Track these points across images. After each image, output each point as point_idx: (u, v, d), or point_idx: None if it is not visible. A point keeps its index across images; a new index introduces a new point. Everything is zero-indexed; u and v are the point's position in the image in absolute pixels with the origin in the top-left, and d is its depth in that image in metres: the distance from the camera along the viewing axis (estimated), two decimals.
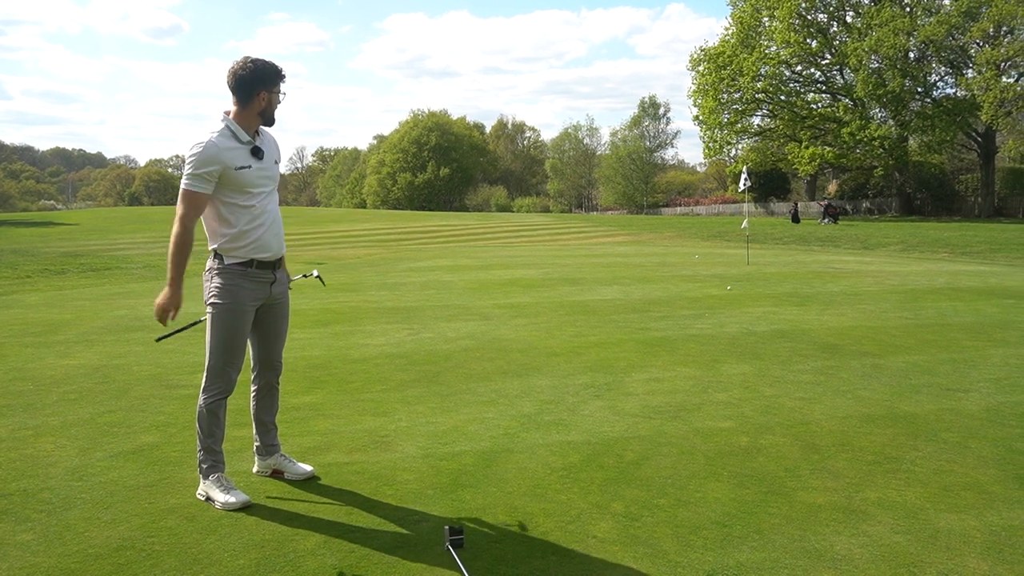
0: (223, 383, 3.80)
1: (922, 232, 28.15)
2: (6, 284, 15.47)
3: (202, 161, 3.57)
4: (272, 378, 4.06)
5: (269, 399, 4.09)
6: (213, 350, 3.77)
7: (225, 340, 3.75)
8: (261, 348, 3.99)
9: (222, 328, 3.74)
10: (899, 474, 4.12)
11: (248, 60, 3.69)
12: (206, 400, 3.80)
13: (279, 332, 4.01)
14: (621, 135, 77.23)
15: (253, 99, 3.69)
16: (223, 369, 3.77)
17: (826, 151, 45.22)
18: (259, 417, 4.08)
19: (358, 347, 7.66)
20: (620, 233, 35.72)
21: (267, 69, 3.69)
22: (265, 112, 3.75)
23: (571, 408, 5.40)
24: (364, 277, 15.42)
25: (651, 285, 13.04)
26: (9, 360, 7.14)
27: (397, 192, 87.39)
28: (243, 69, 3.66)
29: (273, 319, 3.96)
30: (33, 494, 3.86)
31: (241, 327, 3.78)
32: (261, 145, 3.77)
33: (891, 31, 39.31)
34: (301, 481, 4.05)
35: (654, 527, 3.49)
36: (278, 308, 3.97)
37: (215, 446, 3.84)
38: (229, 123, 3.69)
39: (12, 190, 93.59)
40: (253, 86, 3.67)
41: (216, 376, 3.78)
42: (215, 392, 3.79)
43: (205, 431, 3.81)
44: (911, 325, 8.77)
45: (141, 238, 32.48)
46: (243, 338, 3.81)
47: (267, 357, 4.01)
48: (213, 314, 3.75)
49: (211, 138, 3.61)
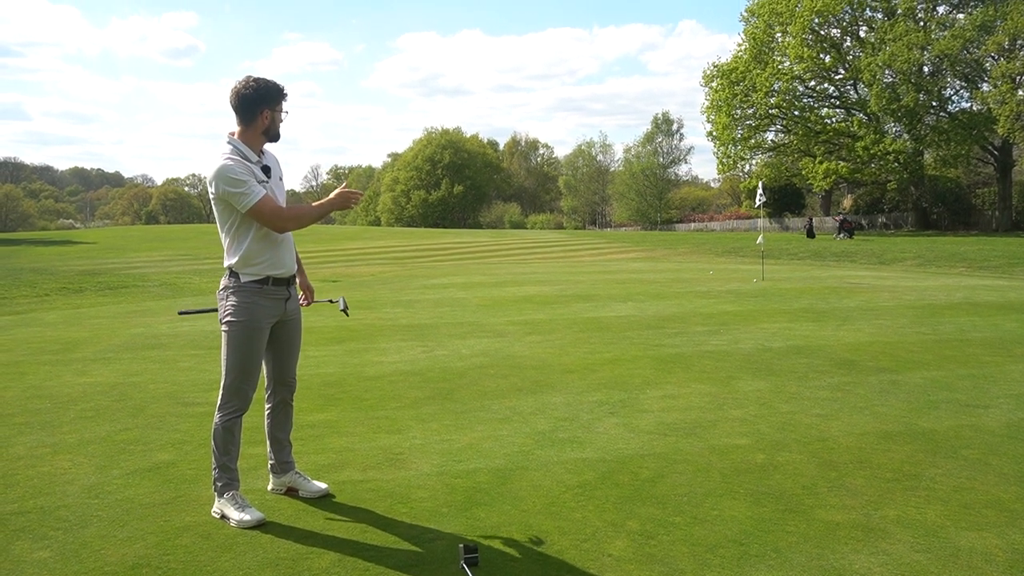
0: (239, 401, 3.81)
1: (939, 246, 27.95)
2: (25, 302, 15.63)
3: (240, 176, 3.59)
4: (287, 395, 4.07)
5: (283, 416, 4.09)
6: (229, 368, 3.78)
7: (241, 358, 3.76)
8: (275, 365, 4.00)
9: (238, 346, 3.75)
10: (918, 492, 4.07)
11: (250, 79, 3.73)
12: (222, 418, 3.81)
13: (292, 348, 4.02)
14: (635, 151, 77.45)
15: (256, 118, 3.72)
16: (239, 387, 3.79)
17: (840, 166, 45.05)
18: (274, 434, 4.09)
19: (372, 364, 7.67)
20: (634, 249, 35.68)
21: (269, 87, 3.72)
22: (269, 130, 3.78)
23: (586, 425, 5.38)
24: (378, 294, 15.47)
25: (665, 301, 13.00)
26: (28, 378, 7.20)
27: (411, 209, 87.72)
28: (246, 88, 3.69)
29: (286, 336, 3.97)
30: (50, 511, 3.88)
31: (257, 345, 3.79)
32: (268, 163, 3.81)
33: (905, 45, 39.25)
34: (316, 499, 4.04)
35: (670, 545, 3.46)
36: (291, 325, 3.98)
37: (230, 464, 3.84)
38: (236, 144, 3.72)
39: (32, 209, 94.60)
40: (256, 104, 3.71)
41: (232, 394, 3.79)
42: (231, 410, 3.81)
43: (221, 449, 3.82)
44: (929, 340, 8.69)
45: (158, 256, 32.75)
46: (259, 356, 3.82)
47: (281, 374, 4.02)
48: (229, 332, 3.76)
49: (225, 160, 3.64)
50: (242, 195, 3.59)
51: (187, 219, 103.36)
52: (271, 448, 4.10)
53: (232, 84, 3.73)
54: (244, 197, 3.59)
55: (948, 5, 42.44)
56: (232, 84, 3.73)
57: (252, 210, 3.61)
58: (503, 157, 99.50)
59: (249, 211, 3.62)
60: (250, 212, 3.62)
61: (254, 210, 3.61)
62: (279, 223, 3.69)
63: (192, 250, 35.63)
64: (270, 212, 3.64)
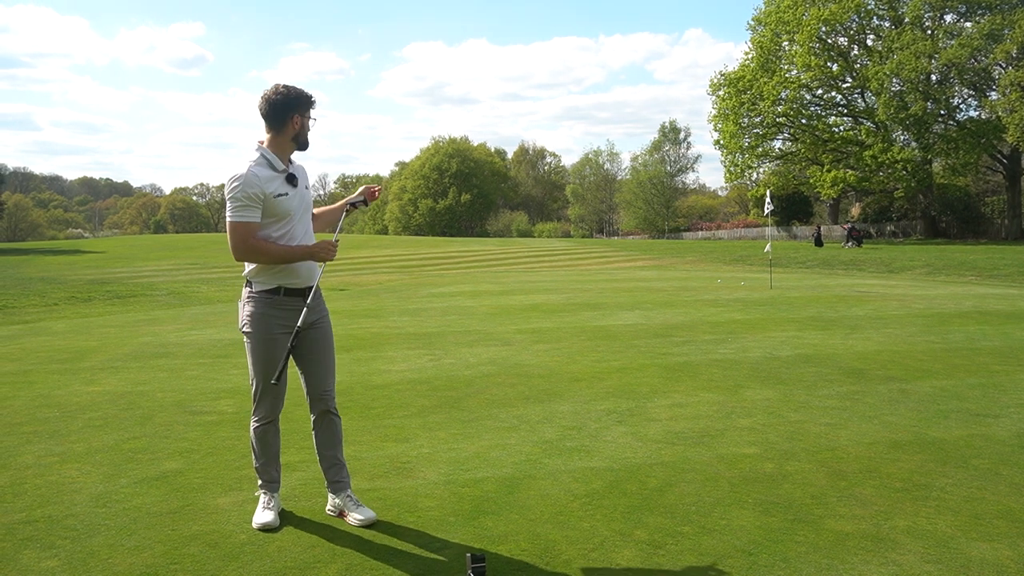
0: (264, 409, 3.89)
1: (948, 255, 27.84)
2: (34, 311, 15.69)
3: (244, 191, 3.60)
4: (324, 408, 3.95)
5: (327, 431, 3.98)
6: (253, 376, 3.88)
7: (258, 367, 3.83)
8: (306, 378, 3.94)
9: (254, 355, 3.81)
10: (929, 502, 4.04)
11: (280, 86, 3.75)
12: (253, 425, 3.94)
13: (318, 360, 3.92)
14: (642, 160, 77.54)
15: (286, 124, 3.73)
16: (261, 395, 3.87)
17: (848, 174, 44.98)
18: (320, 450, 4.00)
19: (380, 373, 7.67)
20: (641, 258, 35.65)
21: (299, 94, 3.74)
22: (298, 137, 3.78)
23: (593, 434, 5.36)
24: (386, 303, 15.48)
25: (673, 310, 12.98)
26: (36, 387, 7.22)
27: (418, 218, 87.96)
28: (276, 95, 3.71)
29: (311, 348, 3.90)
30: (58, 520, 3.88)
31: (272, 354, 3.78)
32: (295, 172, 3.81)
33: (912, 54, 39.22)
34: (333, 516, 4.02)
35: (678, 555, 3.44)
36: (315, 336, 3.90)
37: (267, 467, 3.95)
38: (265, 152, 3.73)
39: (41, 219, 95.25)
40: (286, 111, 3.72)
41: (258, 402, 3.90)
42: (259, 417, 3.91)
43: (256, 453, 3.96)
44: (938, 349, 8.64)
45: (166, 265, 32.89)
46: (275, 365, 3.77)
47: (313, 387, 3.93)
48: (247, 341, 3.83)
49: (250, 168, 3.65)
50: (233, 208, 3.63)
51: (195, 228, 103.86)
52: (320, 465, 4.04)
53: (252, 93, 3.78)
54: (233, 211, 3.63)
55: (955, 14, 42.36)
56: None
57: (229, 225, 3.65)
58: (511, 166, 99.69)
59: (228, 224, 3.66)
60: (228, 226, 3.66)
61: (230, 226, 3.65)
62: (242, 252, 3.66)
63: (200, 259, 35.76)
64: (235, 240, 3.65)
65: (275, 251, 3.68)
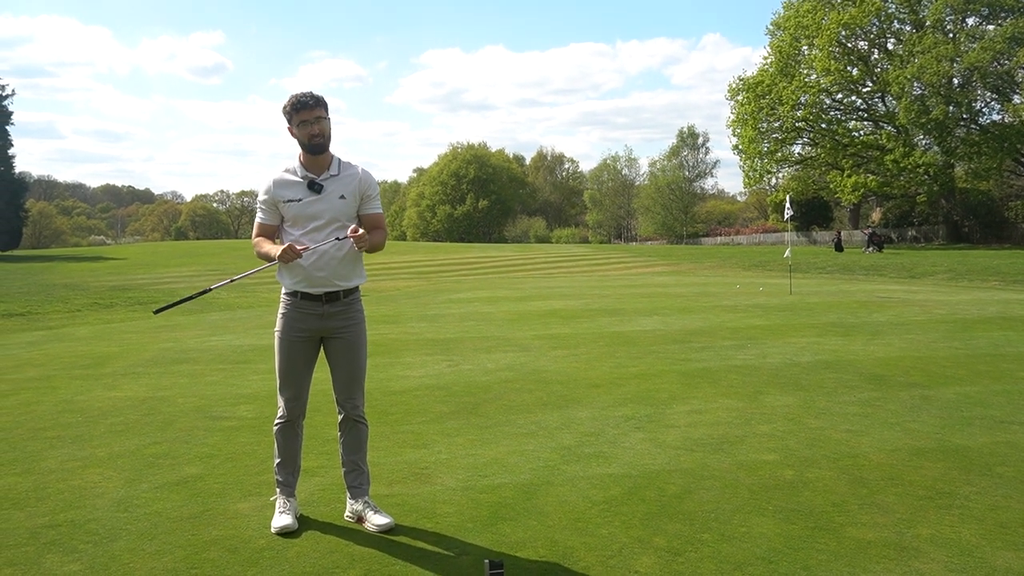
0: (283, 408, 3.97)
1: (971, 260, 27.54)
2: (57, 317, 15.88)
3: (261, 195, 3.89)
4: (348, 413, 3.99)
5: (351, 437, 4.02)
6: (277, 374, 4.00)
7: (279, 366, 3.94)
8: (333, 384, 4.01)
9: (277, 354, 3.93)
10: (952, 510, 3.99)
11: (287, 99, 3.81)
12: (275, 423, 4.02)
13: (341, 366, 3.94)
14: (660, 165, 77.42)
15: (292, 135, 3.83)
16: (281, 394, 3.97)
17: (869, 179, 44.64)
18: (343, 454, 4.04)
19: (398, 379, 7.69)
20: (660, 263, 35.53)
21: (286, 105, 3.80)
22: (301, 143, 3.81)
23: (612, 440, 5.34)
24: (404, 309, 15.52)
25: (692, 315, 12.92)
26: (59, 392, 7.30)
27: (436, 224, 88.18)
28: (283, 109, 3.82)
29: (334, 356, 3.94)
30: (80, 525, 3.92)
31: (290, 356, 3.88)
32: (326, 181, 3.80)
33: (934, 58, 38.89)
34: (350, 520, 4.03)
35: (698, 563, 3.42)
36: (338, 343, 3.91)
37: (282, 468, 4.00)
38: (296, 160, 3.86)
39: (64, 226, 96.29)
40: (287, 122, 3.82)
41: (279, 400, 3.99)
42: (278, 416, 4.00)
43: (275, 452, 4.02)
44: (962, 355, 8.55)
45: (187, 271, 33.15)
46: (294, 367, 3.88)
47: (337, 393, 4.00)
48: (275, 340, 3.95)
49: (274, 175, 3.86)
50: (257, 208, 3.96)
51: (216, 235, 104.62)
52: (343, 469, 4.07)
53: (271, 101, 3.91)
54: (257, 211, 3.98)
55: (978, 17, 42.01)
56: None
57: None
58: (529, 172, 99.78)
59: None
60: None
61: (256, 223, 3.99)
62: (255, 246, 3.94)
63: (220, 265, 36.01)
64: (255, 234, 3.95)
65: (260, 250, 3.88)
